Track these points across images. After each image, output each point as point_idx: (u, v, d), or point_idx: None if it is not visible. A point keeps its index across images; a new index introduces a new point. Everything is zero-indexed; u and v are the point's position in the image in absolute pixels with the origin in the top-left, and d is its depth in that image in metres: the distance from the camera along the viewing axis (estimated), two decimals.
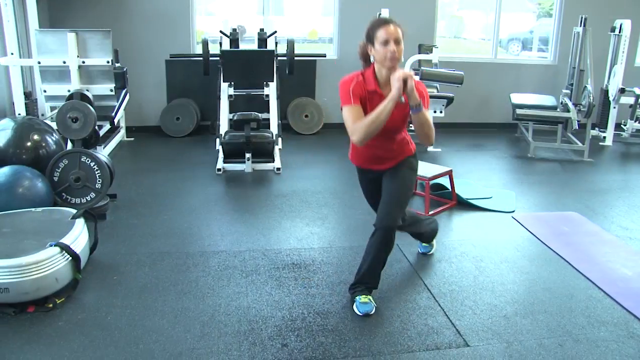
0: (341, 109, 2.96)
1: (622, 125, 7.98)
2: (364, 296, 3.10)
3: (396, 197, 3.09)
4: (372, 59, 2.96)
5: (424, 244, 3.88)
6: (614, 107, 7.62)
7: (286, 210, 4.69)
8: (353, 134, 2.86)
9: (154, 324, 2.91)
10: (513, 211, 4.81)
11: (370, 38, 2.92)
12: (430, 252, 3.89)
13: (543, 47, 9.25)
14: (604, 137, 7.73)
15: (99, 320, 2.93)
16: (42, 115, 5.81)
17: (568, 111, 7.13)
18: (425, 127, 2.92)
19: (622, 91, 7.42)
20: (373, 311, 3.07)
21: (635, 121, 7.66)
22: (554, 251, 4.00)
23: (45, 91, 4.67)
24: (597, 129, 7.95)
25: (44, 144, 4.33)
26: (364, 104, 2.92)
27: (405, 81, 2.74)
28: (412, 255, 3.87)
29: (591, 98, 6.98)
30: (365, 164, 3.22)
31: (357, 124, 2.85)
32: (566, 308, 3.20)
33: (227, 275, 3.48)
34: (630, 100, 7.57)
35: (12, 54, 5.02)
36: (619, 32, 7.47)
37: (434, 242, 3.91)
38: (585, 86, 7.24)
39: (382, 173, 3.17)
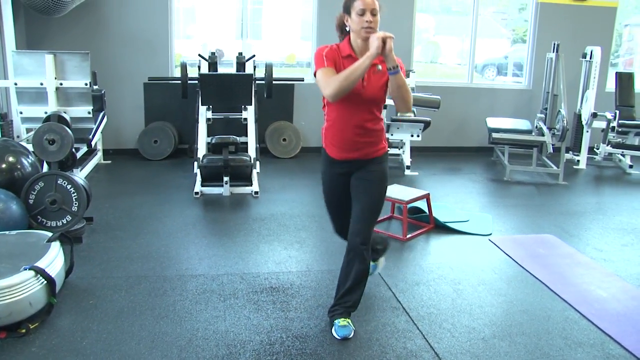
0: (315, 75, 2.93)
1: (595, 149, 8.14)
2: (342, 319, 3.09)
3: (369, 212, 3.05)
4: (347, 29, 2.96)
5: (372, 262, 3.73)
6: (587, 131, 7.78)
7: (264, 233, 4.68)
8: (327, 86, 2.79)
9: (131, 349, 2.87)
10: (490, 234, 4.86)
11: (347, 8, 2.92)
12: (377, 272, 3.80)
13: (518, 72, 9.42)
14: (578, 161, 7.87)
15: (74, 345, 2.88)
16: (18, 137, 5.75)
17: (543, 135, 7.25)
18: (402, 89, 2.86)
19: (594, 115, 7.58)
20: (352, 335, 3.06)
21: (607, 145, 7.81)
22: (530, 273, 4.04)
23: (21, 113, 4.63)
24: (571, 152, 8.10)
25: (19, 166, 4.28)
26: (337, 70, 2.88)
27: (384, 41, 2.74)
28: (390, 277, 3.87)
29: (565, 122, 7.11)
30: (340, 151, 3.06)
31: (331, 78, 2.80)
32: (543, 330, 3.23)
33: (205, 299, 3.45)
34: (603, 124, 7.74)
35: None
36: (590, 59, 7.66)
37: (383, 259, 3.78)
38: (559, 110, 7.38)
39: (352, 169, 3.08)
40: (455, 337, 3.12)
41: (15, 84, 4.56)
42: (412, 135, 7.22)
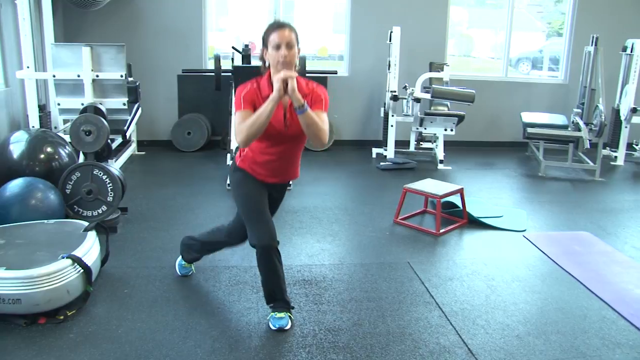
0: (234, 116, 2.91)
1: (633, 145, 7.95)
2: (280, 312, 3.08)
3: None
4: (267, 63, 2.90)
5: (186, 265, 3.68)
6: (626, 127, 7.60)
7: (296, 226, 4.69)
8: (237, 135, 2.77)
9: (165, 338, 2.90)
10: (524, 230, 4.79)
11: (264, 42, 2.87)
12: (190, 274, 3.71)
13: (553, 66, 9.25)
14: (616, 157, 7.70)
15: (110, 333, 2.92)
16: (55, 128, 5.84)
17: (579, 130, 7.11)
18: (312, 127, 2.77)
19: (634, 111, 7.40)
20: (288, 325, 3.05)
21: None
22: (565, 271, 3.97)
23: (59, 104, 4.71)
24: (608, 148, 7.92)
25: (56, 157, 4.36)
26: (257, 109, 2.81)
27: (285, 82, 2.68)
28: (423, 272, 3.85)
29: (603, 117, 6.97)
30: (260, 175, 3.01)
31: (240, 125, 2.76)
32: (579, 329, 3.17)
33: (238, 291, 3.47)
34: None
35: (28, 67, 5.07)
36: (631, 52, 7.47)
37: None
38: (597, 105, 7.23)
39: (268, 188, 3.07)
40: (489, 334, 3.08)
41: (54, 75, 4.64)
42: (445, 130, 7.15)
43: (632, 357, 2.90)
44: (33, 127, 5.11)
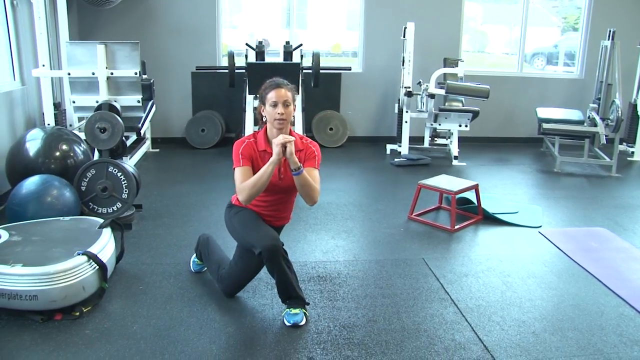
0: (233, 170, 3.07)
1: None
2: (294, 309, 3.11)
3: None
4: (264, 119, 3.09)
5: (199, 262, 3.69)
6: None
7: (311, 222, 4.68)
8: (239, 193, 2.97)
9: (180, 335, 2.91)
10: (540, 226, 4.75)
11: (262, 99, 3.06)
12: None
13: (568, 62, 9.16)
14: (632, 152, 7.62)
15: (125, 330, 2.94)
16: (71, 125, 5.88)
17: (595, 125, 7.03)
18: (305, 187, 2.99)
19: None
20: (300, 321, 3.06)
21: None
22: (582, 267, 3.93)
23: (74, 102, 4.73)
24: (625, 143, 7.84)
25: (72, 154, 4.40)
26: (256, 164, 3.05)
27: (284, 146, 2.87)
28: (438, 268, 3.83)
29: (619, 112, 6.89)
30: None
31: (242, 185, 2.96)
32: (597, 326, 3.14)
33: (253, 287, 3.46)
34: None
35: (43, 65, 5.10)
36: None
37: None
38: (613, 100, 7.15)
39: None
40: (504, 330, 3.06)
41: (69, 73, 4.66)
42: (460, 125, 7.12)
43: None
44: (48, 124, 5.14)
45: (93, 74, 4.62)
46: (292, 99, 3.07)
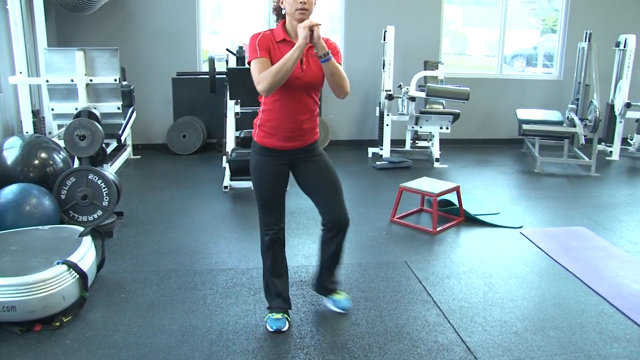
0: (249, 64, 2.84)
1: (628, 140, 7.97)
2: (338, 294, 3.27)
3: (338, 192, 3.13)
4: (283, 12, 2.87)
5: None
6: (620, 122, 7.61)
7: (293, 227, 4.68)
8: (259, 83, 2.73)
9: (162, 343, 2.89)
10: (521, 227, 4.79)
11: None
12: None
13: (547, 63, 9.26)
14: (611, 152, 7.72)
15: (106, 339, 2.91)
16: (50, 133, 5.83)
17: (574, 126, 7.11)
18: (335, 76, 2.79)
19: (628, 106, 7.42)
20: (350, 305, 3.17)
21: None
22: (563, 266, 3.97)
23: (53, 109, 4.69)
24: (603, 143, 7.95)
25: (51, 162, 4.35)
26: (273, 56, 2.79)
27: (311, 29, 2.67)
28: (420, 271, 3.84)
29: (597, 113, 6.97)
30: (281, 140, 2.94)
31: (263, 73, 2.72)
32: (577, 324, 3.17)
33: (235, 293, 3.46)
34: (636, 114, 7.57)
35: (20, 72, 5.05)
36: (624, 47, 7.48)
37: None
38: (591, 101, 7.24)
39: (292, 158, 3.02)
40: (487, 331, 3.08)
41: (47, 81, 4.62)
42: (441, 128, 7.15)
43: (629, 351, 2.90)
44: (27, 132, 5.09)
45: (72, 80, 4.59)
46: None
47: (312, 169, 3.07)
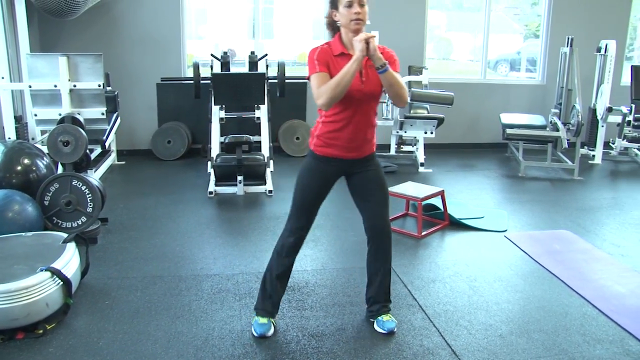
0: (309, 80, 2.87)
1: (610, 144, 8.05)
2: (387, 315, 3.15)
3: (385, 204, 3.14)
4: (338, 24, 2.88)
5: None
6: (602, 126, 7.70)
7: (279, 232, 4.59)
8: (319, 97, 2.76)
9: (147, 349, 2.87)
10: (505, 230, 4.82)
11: (334, 3, 2.85)
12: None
13: (531, 68, 9.35)
14: (593, 156, 7.80)
15: (91, 346, 2.89)
16: (33, 139, 5.79)
17: (557, 130, 7.19)
18: (395, 87, 2.80)
19: (609, 110, 7.50)
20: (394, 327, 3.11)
21: (623, 139, 7.72)
22: (547, 269, 4.00)
23: (36, 115, 4.66)
24: (586, 147, 8.03)
25: (34, 168, 4.31)
26: (332, 70, 2.82)
27: (367, 42, 2.68)
28: (405, 275, 3.86)
29: (580, 117, 7.05)
30: (341, 150, 2.98)
31: (322, 87, 2.75)
32: (561, 326, 3.20)
33: (221, 299, 3.45)
34: (618, 118, 7.65)
35: (2, 77, 5.02)
36: (605, 52, 7.58)
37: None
38: (574, 105, 7.31)
39: (348, 168, 3.07)
40: (472, 334, 3.09)
41: (30, 86, 4.59)
42: (425, 132, 7.19)
43: (612, 352, 2.93)
44: (9, 138, 5.05)
45: (55, 86, 4.56)
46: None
47: (366, 180, 3.09)
